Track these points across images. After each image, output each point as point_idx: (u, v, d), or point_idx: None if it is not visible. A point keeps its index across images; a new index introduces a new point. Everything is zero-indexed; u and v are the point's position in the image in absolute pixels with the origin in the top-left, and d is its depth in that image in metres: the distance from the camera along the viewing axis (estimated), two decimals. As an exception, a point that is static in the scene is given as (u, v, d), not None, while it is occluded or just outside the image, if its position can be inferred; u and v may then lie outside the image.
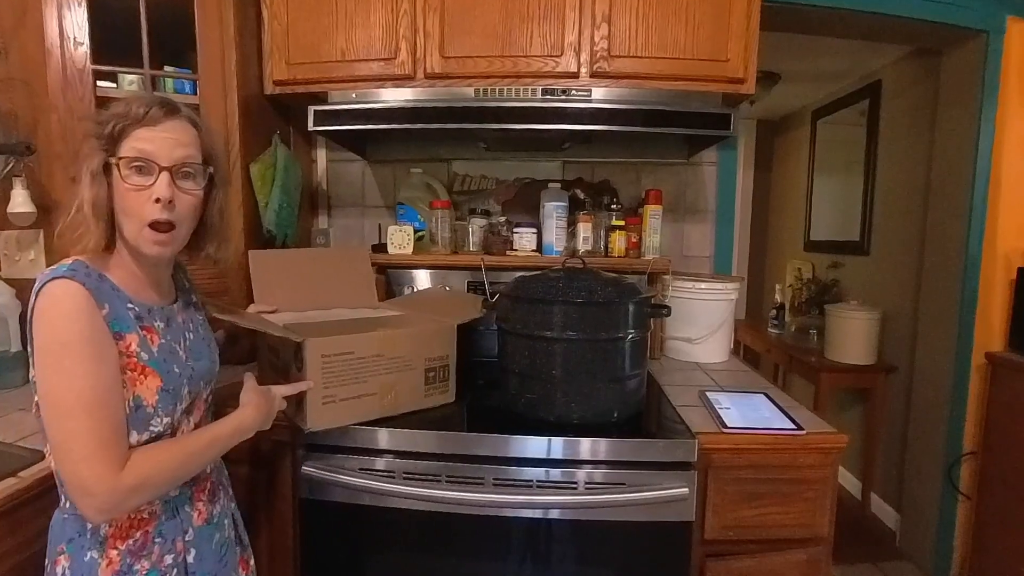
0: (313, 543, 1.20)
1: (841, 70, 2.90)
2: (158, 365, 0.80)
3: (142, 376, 0.78)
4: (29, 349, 0.75)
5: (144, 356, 0.79)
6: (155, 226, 0.78)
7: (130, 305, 0.80)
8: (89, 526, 0.79)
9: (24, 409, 1.23)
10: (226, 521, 0.96)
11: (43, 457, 0.98)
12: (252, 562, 1.02)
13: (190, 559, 0.86)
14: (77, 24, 1.30)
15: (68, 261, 0.76)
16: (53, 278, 0.73)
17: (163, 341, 0.83)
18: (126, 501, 0.75)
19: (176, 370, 0.83)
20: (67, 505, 0.81)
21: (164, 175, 0.78)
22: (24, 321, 0.85)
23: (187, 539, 0.86)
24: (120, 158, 0.77)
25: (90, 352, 0.72)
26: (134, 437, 0.78)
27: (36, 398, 0.76)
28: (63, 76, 1.30)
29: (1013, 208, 2.02)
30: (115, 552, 0.79)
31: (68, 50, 1.30)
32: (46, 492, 0.93)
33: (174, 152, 0.79)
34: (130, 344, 0.78)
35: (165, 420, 0.81)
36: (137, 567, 0.80)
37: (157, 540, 0.82)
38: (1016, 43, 1.97)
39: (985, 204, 2.02)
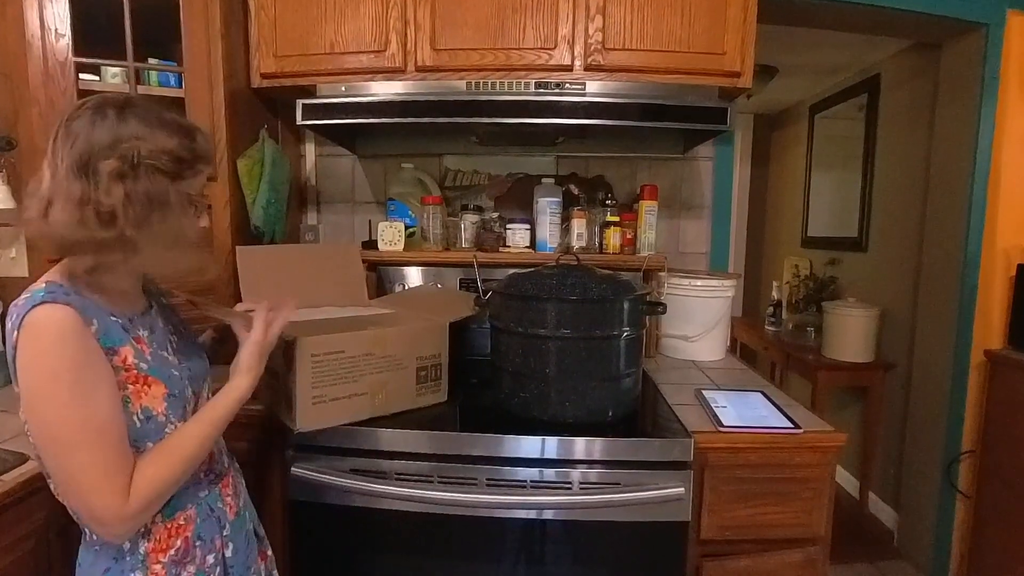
0: (304, 545, 1.18)
1: (839, 64, 2.88)
2: (158, 372, 0.79)
3: (145, 387, 0.77)
4: (16, 388, 0.71)
5: (143, 366, 0.77)
6: None
7: (113, 317, 0.76)
8: (127, 547, 0.77)
9: (6, 411, 1.21)
10: (247, 513, 0.96)
11: (27, 460, 0.96)
12: (270, 552, 1.01)
13: (228, 554, 0.87)
14: (58, 15, 1.27)
15: (41, 285, 0.72)
16: (33, 306, 0.69)
17: (152, 349, 0.81)
18: (139, 522, 0.75)
19: (175, 374, 0.82)
20: (93, 536, 0.79)
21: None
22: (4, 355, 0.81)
23: (225, 535, 0.87)
24: (198, 195, 0.80)
25: (83, 379, 0.69)
26: (148, 447, 0.77)
27: (31, 437, 0.73)
28: (44, 69, 1.27)
29: (1013, 204, 2.01)
30: (159, 566, 0.78)
31: (49, 42, 1.27)
32: (30, 495, 0.91)
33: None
34: (125, 357, 0.75)
35: (178, 424, 0.81)
36: (184, 574, 0.80)
37: (198, 543, 0.82)
38: (1016, 36, 1.95)
39: (985, 200, 2.01)
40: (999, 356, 1.98)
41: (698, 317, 1.66)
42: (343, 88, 1.47)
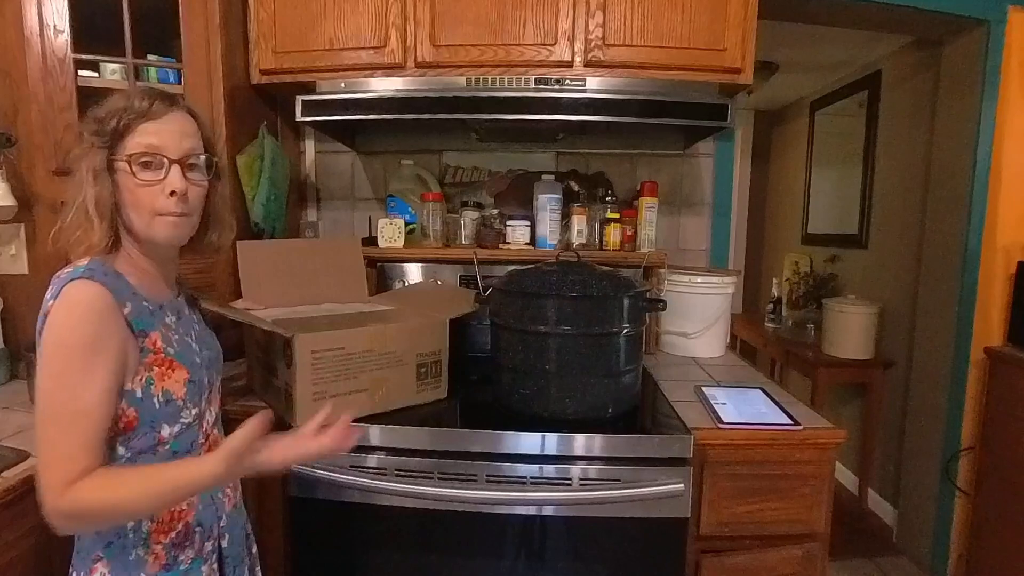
0: (304, 542, 1.18)
1: (840, 60, 2.87)
2: (182, 357, 0.81)
3: (170, 370, 0.79)
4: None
5: (170, 350, 0.80)
6: (165, 214, 0.79)
7: (145, 303, 0.80)
8: (130, 524, 0.78)
9: (7, 408, 1.21)
10: (243, 507, 0.97)
11: (27, 457, 0.96)
12: (255, 549, 1.02)
13: (224, 544, 0.88)
14: (57, 12, 1.26)
15: (84, 261, 0.75)
16: (72, 279, 0.72)
17: (176, 336, 0.83)
18: (65, 523, 0.71)
19: (197, 360, 0.85)
20: None
21: (175, 168, 0.78)
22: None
23: (222, 525, 0.87)
24: (129, 155, 0.76)
25: (87, 362, 0.71)
26: (166, 431, 0.79)
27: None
28: (43, 65, 1.27)
29: (1013, 201, 2.01)
30: (159, 547, 0.80)
31: (48, 39, 1.27)
32: (31, 492, 0.90)
33: (181, 144, 0.79)
34: (155, 340, 0.78)
35: (193, 411, 0.83)
36: (182, 557, 0.81)
37: (197, 529, 0.83)
38: (1017, 33, 1.94)
39: (985, 197, 2.00)
40: (999, 353, 1.98)
41: (698, 314, 1.66)
42: (342, 84, 1.46)
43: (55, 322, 0.71)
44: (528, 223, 1.66)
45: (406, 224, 1.65)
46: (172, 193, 0.77)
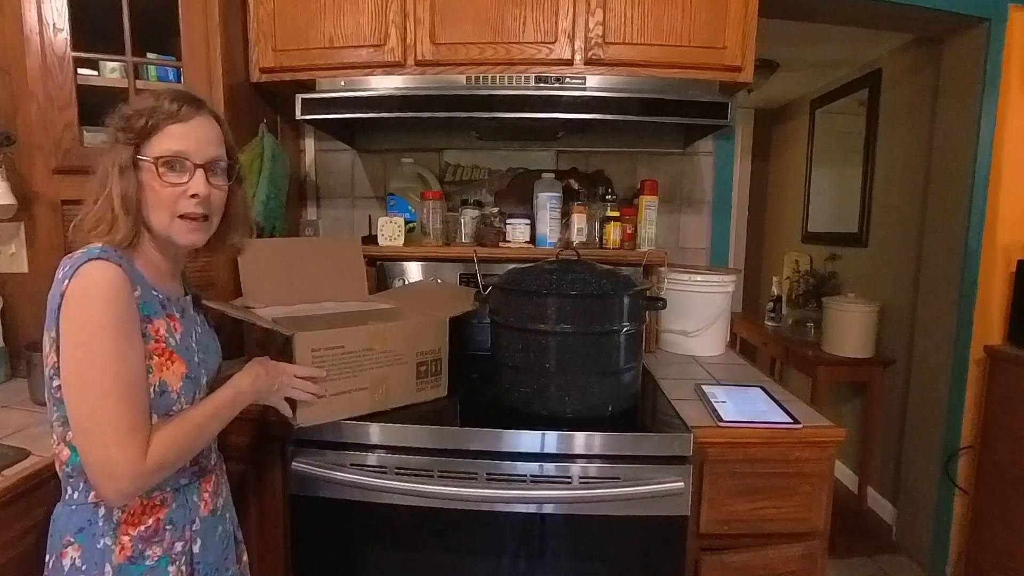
0: (304, 539, 1.19)
1: (841, 58, 2.87)
2: (183, 352, 0.83)
3: (169, 362, 0.80)
4: (53, 334, 0.75)
5: (172, 342, 0.81)
6: (186, 216, 0.81)
7: (155, 292, 0.82)
8: (102, 512, 0.79)
9: (7, 407, 1.21)
10: (227, 515, 0.96)
11: (28, 455, 0.96)
12: (245, 557, 1.02)
13: (196, 549, 0.87)
14: (56, 10, 1.26)
15: (97, 244, 0.77)
16: (89, 259, 0.73)
17: (181, 330, 0.85)
18: (148, 483, 0.76)
19: (196, 359, 0.86)
20: (74, 496, 0.81)
21: (199, 172, 0.80)
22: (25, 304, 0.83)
23: (194, 528, 0.87)
24: (157, 158, 0.78)
25: (126, 335, 0.74)
26: (153, 420, 0.79)
27: (56, 381, 0.76)
28: (42, 63, 1.27)
29: (1013, 200, 2.01)
30: (127, 538, 0.80)
31: (47, 37, 1.27)
32: (31, 491, 0.91)
33: (206, 151, 0.81)
34: (158, 328, 0.80)
35: (185, 408, 0.83)
36: (149, 552, 0.81)
37: (168, 527, 0.83)
38: (1018, 32, 1.94)
39: (985, 195, 2.00)
40: (999, 352, 1.98)
41: (698, 312, 1.66)
42: (342, 83, 1.46)
43: (83, 302, 0.72)
44: (528, 221, 1.66)
45: (406, 222, 1.65)
46: (194, 196, 0.80)
